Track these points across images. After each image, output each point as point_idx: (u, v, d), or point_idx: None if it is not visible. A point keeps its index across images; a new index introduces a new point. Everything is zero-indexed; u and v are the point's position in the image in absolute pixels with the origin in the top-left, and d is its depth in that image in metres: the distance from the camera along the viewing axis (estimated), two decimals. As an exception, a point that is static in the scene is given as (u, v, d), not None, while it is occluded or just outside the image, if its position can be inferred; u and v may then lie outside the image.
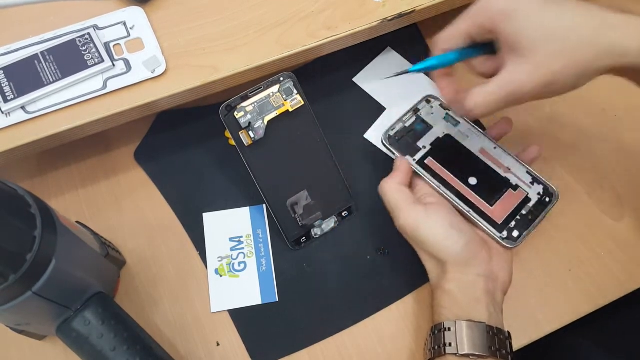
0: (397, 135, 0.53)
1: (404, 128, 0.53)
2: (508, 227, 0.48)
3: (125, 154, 0.58)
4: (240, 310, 0.51)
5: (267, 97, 0.50)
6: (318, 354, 0.50)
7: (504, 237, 0.48)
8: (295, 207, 0.53)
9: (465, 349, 0.42)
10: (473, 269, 0.45)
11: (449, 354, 0.43)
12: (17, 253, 0.35)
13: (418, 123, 0.53)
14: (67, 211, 0.54)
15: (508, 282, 0.47)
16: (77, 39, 0.50)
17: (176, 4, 0.53)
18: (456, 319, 0.43)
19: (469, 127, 0.53)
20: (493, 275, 0.45)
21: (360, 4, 0.53)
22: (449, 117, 0.54)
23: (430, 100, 0.55)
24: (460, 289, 0.45)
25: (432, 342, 0.45)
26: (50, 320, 0.42)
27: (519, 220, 0.49)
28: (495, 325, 0.43)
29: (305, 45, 0.51)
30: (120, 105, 0.48)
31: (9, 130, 0.47)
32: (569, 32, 0.40)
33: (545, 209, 0.49)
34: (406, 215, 0.47)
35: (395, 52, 0.63)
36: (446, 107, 0.54)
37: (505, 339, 0.43)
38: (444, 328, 0.44)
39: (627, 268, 0.53)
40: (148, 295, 0.52)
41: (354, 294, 0.52)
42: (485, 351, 0.42)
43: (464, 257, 0.45)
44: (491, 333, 0.43)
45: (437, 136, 0.53)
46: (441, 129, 0.53)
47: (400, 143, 0.52)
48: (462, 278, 0.45)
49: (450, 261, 0.45)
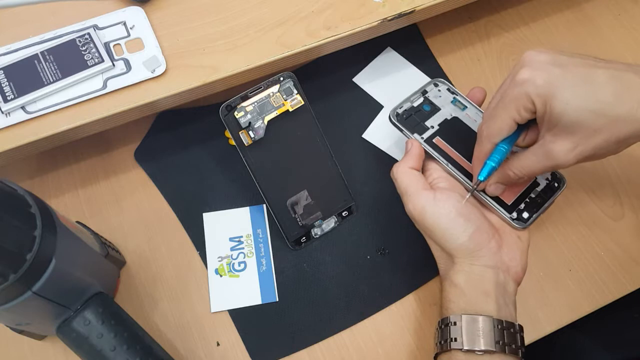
0: (405, 113, 0.53)
1: (411, 107, 0.53)
2: (518, 209, 0.48)
3: (125, 154, 0.58)
4: (240, 310, 0.51)
5: (267, 97, 0.50)
6: (318, 354, 0.50)
7: (514, 217, 0.47)
8: (295, 207, 0.53)
9: (470, 344, 0.41)
10: (480, 260, 0.44)
11: (454, 349, 0.42)
12: (17, 253, 0.35)
13: (425, 104, 0.53)
14: (67, 211, 0.54)
15: (521, 272, 0.46)
16: (77, 39, 0.50)
17: (176, 4, 0.53)
18: (462, 313, 0.43)
19: (477, 112, 0.53)
20: (503, 266, 0.45)
21: (360, 4, 0.53)
22: (457, 101, 0.54)
23: (437, 84, 0.55)
24: (468, 282, 0.44)
25: (439, 336, 0.44)
26: (50, 320, 0.42)
27: (529, 202, 0.49)
28: (504, 319, 0.43)
29: (305, 45, 0.51)
30: (120, 105, 0.48)
31: (9, 130, 0.47)
32: (609, 108, 0.39)
33: (554, 194, 0.49)
34: (414, 201, 0.46)
35: (395, 52, 0.63)
36: (454, 91, 0.54)
37: (515, 333, 0.43)
38: (450, 322, 0.43)
39: (627, 268, 0.53)
40: (148, 295, 0.52)
41: (354, 294, 0.52)
42: (492, 346, 0.41)
43: (470, 248, 0.44)
44: (499, 327, 0.42)
45: (445, 117, 0.53)
46: (449, 111, 0.53)
47: (408, 121, 0.52)
48: (470, 270, 0.44)
49: (456, 251, 0.45)
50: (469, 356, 0.42)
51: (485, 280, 0.44)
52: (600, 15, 0.65)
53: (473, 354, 0.41)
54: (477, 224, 0.45)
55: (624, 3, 0.66)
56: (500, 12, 0.66)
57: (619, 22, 0.65)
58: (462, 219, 0.45)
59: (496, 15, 0.66)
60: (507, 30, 0.65)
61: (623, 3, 0.66)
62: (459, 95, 0.54)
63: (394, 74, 0.62)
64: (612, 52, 0.63)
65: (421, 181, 0.48)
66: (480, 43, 0.64)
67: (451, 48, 0.63)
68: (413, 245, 0.52)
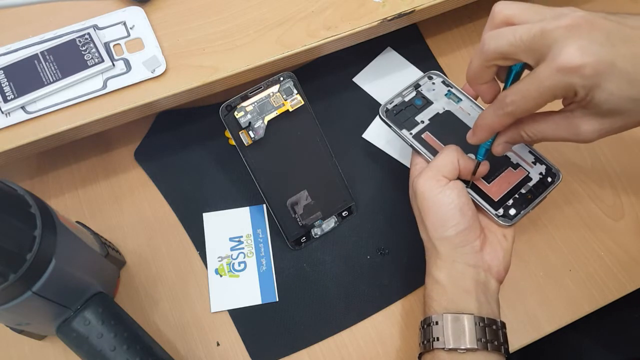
0: (395, 109, 0.52)
1: (402, 102, 0.52)
2: (505, 205, 0.47)
3: (125, 154, 0.58)
4: (240, 310, 0.51)
5: (267, 97, 0.50)
6: (318, 354, 0.50)
7: (499, 214, 0.47)
8: (295, 207, 0.53)
9: (452, 343, 0.41)
10: (462, 258, 0.44)
11: (436, 349, 0.42)
12: (17, 253, 0.35)
13: (418, 98, 0.53)
14: (67, 211, 0.54)
15: (503, 271, 0.45)
16: (77, 39, 0.50)
17: (176, 4, 0.53)
18: (444, 312, 0.43)
19: (471, 105, 0.52)
20: (485, 265, 0.44)
21: (360, 4, 0.53)
22: (452, 94, 0.53)
23: (432, 76, 0.54)
24: (449, 279, 0.44)
25: (422, 336, 0.44)
26: (50, 320, 0.42)
27: (517, 198, 0.48)
28: (486, 316, 0.42)
29: (305, 45, 0.51)
30: (120, 105, 0.48)
31: (9, 130, 0.47)
32: None
33: (547, 189, 0.48)
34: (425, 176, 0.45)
35: (395, 52, 0.63)
36: (449, 83, 0.53)
37: (497, 329, 0.42)
38: (432, 322, 0.43)
39: (627, 268, 0.53)
40: (148, 295, 0.52)
41: (354, 294, 0.52)
42: (474, 344, 0.41)
43: (454, 243, 0.44)
44: (481, 324, 0.42)
45: (436, 112, 0.52)
46: (442, 105, 0.52)
47: (398, 117, 0.52)
48: (451, 267, 0.44)
49: (441, 243, 0.44)
50: (452, 355, 0.42)
51: (466, 277, 0.44)
52: (600, 15, 0.65)
53: (456, 353, 0.41)
54: (469, 222, 0.45)
55: (624, 3, 0.66)
56: (500, 12, 0.66)
57: (619, 22, 0.65)
58: (458, 214, 0.44)
59: (496, 15, 0.65)
60: (507, 30, 0.65)
61: (623, 3, 0.66)
62: (454, 88, 0.53)
63: (394, 74, 0.62)
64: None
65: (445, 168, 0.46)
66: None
67: (451, 48, 0.63)
68: (413, 246, 0.52)
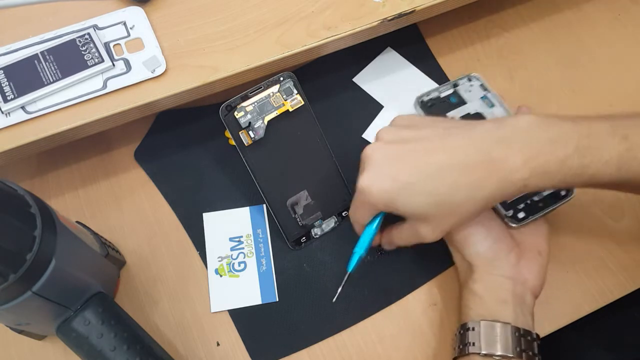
0: (430, 102, 0.54)
1: (438, 97, 0.54)
2: (515, 208, 0.48)
3: (125, 154, 0.58)
4: (240, 310, 0.51)
5: (267, 97, 0.50)
6: (318, 354, 0.50)
7: (508, 215, 0.48)
8: (295, 207, 0.53)
9: (488, 348, 0.42)
10: (498, 270, 0.45)
11: (472, 353, 0.43)
12: (17, 253, 0.35)
13: (453, 96, 0.54)
14: (67, 211, 0.54)
15: (539, 287, 0.46)
16: (77, 39, 0.50)
17: (176, 4, 0.53)
18: (481, 319, 0.44)
19: (503, 112, 0.53)
20: (521, 278, 0.45)
21: (360, 4, 0.53)
22: (487, 98, 0.54)
23: (471, 79, 0.55)
24: (486, 290, 0.45)
25: (458, 340, 0.45)
26: (50, 320, 0.42)
27: (529, 204, 0.49)
28: (522, 327, 0.43)
29: (305, 45, 0.51)
30: (120, 105, 0.48)
31: (9, 130, 0.47)
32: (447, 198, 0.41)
33: (559, 201, 0.49)
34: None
35: (395, 52, 0.63)
36: (487, 88, 0.55)
37: (532, 341, 0.43)
38: (468, 327, 0.44)
39: (627, 268, 0.53)
40: (148, 295, 0.52)
41: (354, 294, 0.52)
42: (510, 352, 0.42)
43: (488, 257, 0.45)
44: (517, 334, 0.43)
45: (467, 112, 0.53)
46: (474, 106, 0.54)
47: (431, 110, 0.53)
48: (488, 279, 0.45)
49: (475, 259, 0.46)
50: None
51: (502, 289, 0.45)
52: (600, 15, 0.65)
53: (490, 359, 0.42)
54: (497, 235, 0.46)
55: (624, 3, 0.66)
56: (500, 12, 0.66)
57: (619, 22, 0.65)
58: (482, 229, 0.46)
59: (496, 15, 0.65)
60: (507, 30, 0.65)
61: (623, 3, 0.66)
62: (491, 94, 0.54)
63: (394, 74, 0.62)
64: (612, 52, 0.63)
65: None
66: (480, 43, 0.64)
67: (451, 48, 0.63)
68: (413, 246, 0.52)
